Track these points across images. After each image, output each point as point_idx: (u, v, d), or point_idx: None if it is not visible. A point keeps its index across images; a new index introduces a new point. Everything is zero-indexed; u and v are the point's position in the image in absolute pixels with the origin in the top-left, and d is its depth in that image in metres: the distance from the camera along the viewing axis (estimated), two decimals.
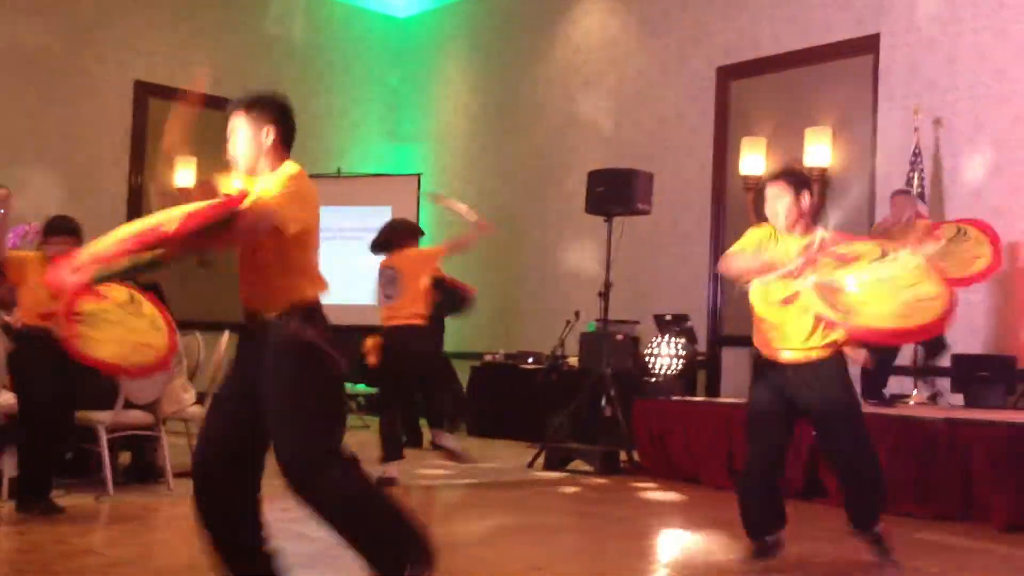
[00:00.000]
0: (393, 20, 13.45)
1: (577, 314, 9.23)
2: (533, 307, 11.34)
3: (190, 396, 6.53)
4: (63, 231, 5.16)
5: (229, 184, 3.30)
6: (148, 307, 5.01)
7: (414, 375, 6.80)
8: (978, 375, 7.19)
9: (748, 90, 9.64)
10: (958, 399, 7.32)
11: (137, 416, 5.89)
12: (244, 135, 3.31)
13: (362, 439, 9.54)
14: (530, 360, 10.05)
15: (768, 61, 9.42)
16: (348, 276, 11.55)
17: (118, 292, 4.87)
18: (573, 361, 9.41)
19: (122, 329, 4.77)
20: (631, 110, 10.62)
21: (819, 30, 9.08)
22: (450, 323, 9.46)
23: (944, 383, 7.51)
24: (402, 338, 6.59)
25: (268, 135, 3.32)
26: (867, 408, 6.90)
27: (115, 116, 11.39)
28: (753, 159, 9.28)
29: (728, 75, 9.77)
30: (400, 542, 3.08)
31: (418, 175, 11.69)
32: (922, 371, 7.57)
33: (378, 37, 13.35)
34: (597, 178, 8.11)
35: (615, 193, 7.94)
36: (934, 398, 7.51)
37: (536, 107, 11.65)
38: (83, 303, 4.55)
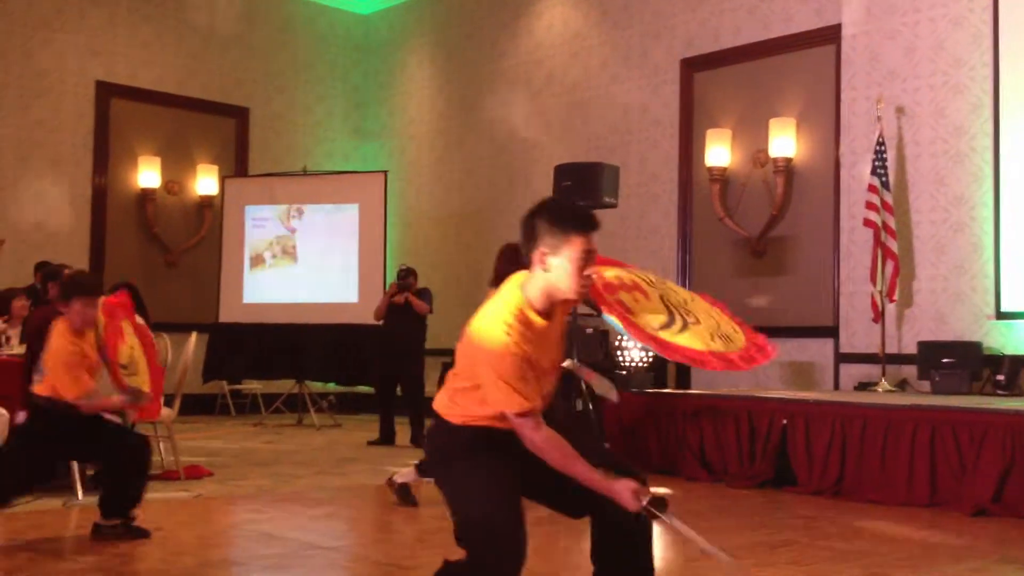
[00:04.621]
0: (355, 16, 13.39)
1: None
2: None
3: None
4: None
5: None
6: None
7: None
8: (944, 362, 7.27)
9: (711, 82, 9.69)
10: (925, 386, 7.41)
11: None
12: None
13: (333, 438, 9.52)
14: None
15: (730, 52, 9.47)
16: (317, 273, 11.53)
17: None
18: None
19: None
20: (595, 103, 10.64)
21: (780, 21, 9.14)
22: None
23: (911, 370, 7.59)
24: None
25: None
26: (833, 397, 6.97)
27: (75, 116, 11.26)
28: (718, 151, 9.33)
29: (691, 67, 9.81)
30: None
31: (384, 172, 11.64)
32: (889, 359, 7.64)
33: (341, 34, 13.29)
34: (563, 172, 8.11)
35: (581, 187, 7.93)
36: (901, 385, 7.58)
37: (500, 102, 11.64)
38: None
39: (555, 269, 2.70)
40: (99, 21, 11.44)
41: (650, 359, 8.79)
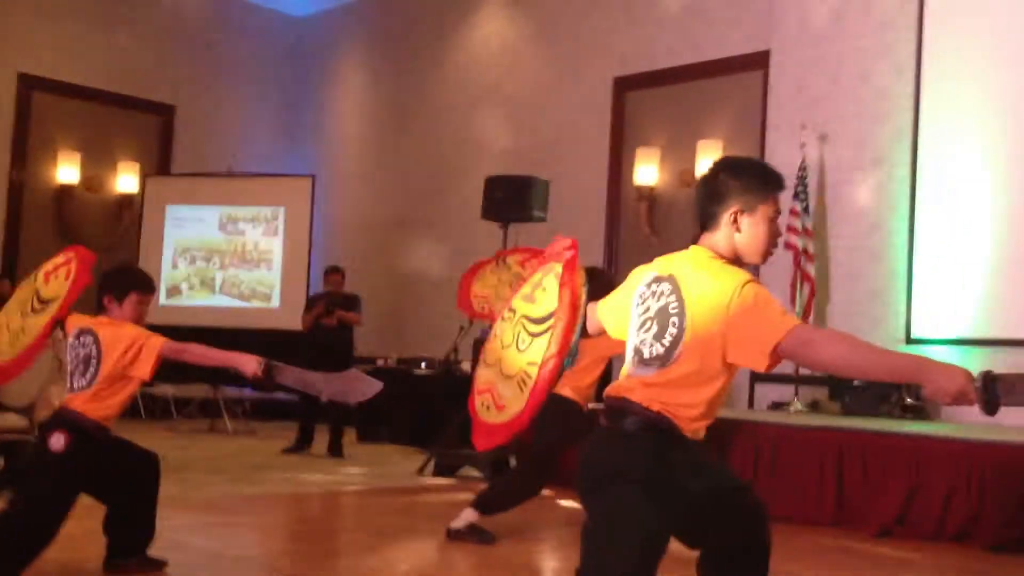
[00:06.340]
0: (289, 18, 13.27)
1: (471, 320, 9.22)
2: (426, 312, 11.30)
3: None
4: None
5: None
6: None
7: None
8: (854, 384, 7.42)
9: (643, 101, 9.80)
10: (836, 407, 7.54)
11: (11, 420, 5.68)
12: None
13: (247, 445, 9.38)
14: (422, 365, 10.01)
15: (663, 74, 9.59)
16: (237, 280, 11.37)
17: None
18: (466, 367, 9.41)
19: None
20: (528, 118, 10.68)
21: (712, 45, 9.27)
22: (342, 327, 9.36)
23: (823, 391, 7.73)
24: None
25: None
26: (747, 415, 7.07)
27: None
28: (647, 170, 9.44)
29: (624, 86, 9.91)
30: None
31: (311, 176, 11.54)
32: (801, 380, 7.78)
33: (274, 35, 13.17)
34: (494, 184, 8.14)
35: (512, 200, 7.98)
36: (813, 406, 7.71)
37: (434, 111, 11.63)
38: None
39: (748, 230, 2.56)
40: (25, 13, 11.17)
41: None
